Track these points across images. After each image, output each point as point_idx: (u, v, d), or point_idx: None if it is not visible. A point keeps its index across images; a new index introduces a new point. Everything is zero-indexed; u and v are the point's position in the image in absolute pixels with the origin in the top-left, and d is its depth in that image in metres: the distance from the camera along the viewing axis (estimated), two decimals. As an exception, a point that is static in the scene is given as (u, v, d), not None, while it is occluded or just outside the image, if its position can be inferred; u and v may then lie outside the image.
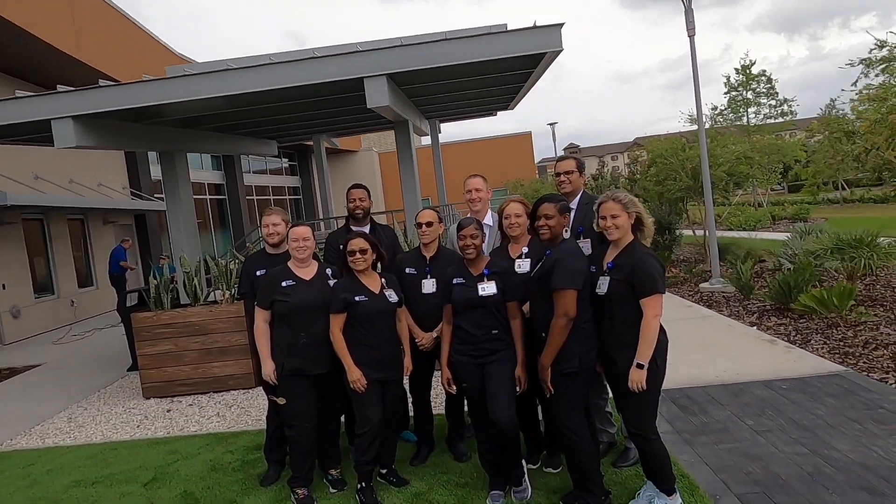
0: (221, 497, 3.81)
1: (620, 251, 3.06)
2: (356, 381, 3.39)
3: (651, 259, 2.98)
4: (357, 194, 4.25)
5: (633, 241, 3.07)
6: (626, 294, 2.97)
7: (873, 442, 3.64)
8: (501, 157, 29.67)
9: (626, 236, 3.05)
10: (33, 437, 5.43)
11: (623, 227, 3.03)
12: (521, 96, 9.38)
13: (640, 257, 2.98)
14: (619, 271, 3.00)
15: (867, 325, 6.20)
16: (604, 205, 3.06)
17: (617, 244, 3.07)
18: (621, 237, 3.05)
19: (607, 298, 3.03)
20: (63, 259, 12.74)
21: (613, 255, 3.08)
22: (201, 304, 6.33)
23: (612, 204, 3.04)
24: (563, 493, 3.33)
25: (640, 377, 2.90)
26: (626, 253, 3.03)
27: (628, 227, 3.05)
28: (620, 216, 3.02)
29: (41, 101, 5.85)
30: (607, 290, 3.02)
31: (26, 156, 11.34)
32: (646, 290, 2.92)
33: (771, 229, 17.70)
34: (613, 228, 3.03)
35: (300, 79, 5.67)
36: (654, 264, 2.97)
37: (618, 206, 3.02)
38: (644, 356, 2.90)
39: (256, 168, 22.44)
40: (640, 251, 3.02)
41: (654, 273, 2.93)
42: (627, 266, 2.98)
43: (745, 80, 24.13)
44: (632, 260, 2.98)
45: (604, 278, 3.05)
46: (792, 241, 9.58)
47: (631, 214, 3.04)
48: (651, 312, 2.91)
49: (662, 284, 2.97)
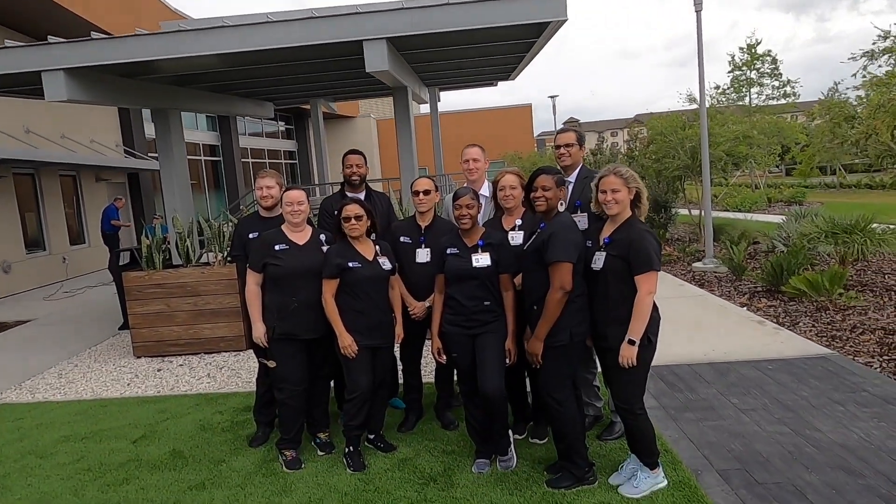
0: (210, 456, 3.85)
1: (618, 227, 3.02)
2: (347, 347, 3.39)
3: (648, 236, 2.96)
4: (353, 160, 4.19)
5: (631, 218, 3.03)
6: (622, 270, 2.95)
7: (854, 424, 3.70)
8: (500, 128, 29.43)
9: (624, 212, 3.02)
10: (23, 392, 5.45)
11: (623, 202, 2.99)
12: (522, 66, 9.24)
13: (638, 233, 2.96)
14: (616, 247, 2.97)
15: (856, 310, 6.25)
16: (605, 178, 3.01)
17: (614, 219, 3.04)
18: (620, 212, 3.02)
19: (602, 273, 3.00)
20: (55, 215, 12.63)
21: (610, 230, 3.05)
22: (193, 265, 6.30)
23: (614, 178, 2.99)
24: (548, 464, 3.38)
25: (632, 353, 2.91)
26: (624, 228, 3.00)
27: (627, 202, 3.01)
28: (621, 191, 2.97)
29: (32, 51, 5.70)
30: (603, 266, 3.00)
31: (17, 108, 11.14)
32: (641, 267, 2.90)
33: (766, 211, 17.72)
34: (613, 203, 2.98)
35: (298, 39, 5.55)
36: (652, 241, 2.95)
37: (619, 181, 2.98)
38: (636, 332, 2.91)
39: (252, 130, 22.16)
40: (637, 227, 2.99)
41: (651, 250, 2.91)
42: (624, 242, 2.95)
43: (750, 60, 23.85)
44: (629, 236, 2.95)
45: (600, 253, 3.02)
46: (787, 223, 9.60)
47: (631, 190, 3.00)
48: (645, 289, 2.90)
49: (658, 262, 2.95)
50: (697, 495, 3.02)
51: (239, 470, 3.63)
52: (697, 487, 3.10)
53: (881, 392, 4.14)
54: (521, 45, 7.30)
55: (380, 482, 3.36)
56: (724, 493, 3.05)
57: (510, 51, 7.72)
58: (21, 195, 11.74)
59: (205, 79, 7.76)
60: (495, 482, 3.27)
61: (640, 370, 2.98)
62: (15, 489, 3.60)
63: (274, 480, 3.47)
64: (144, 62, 5.81)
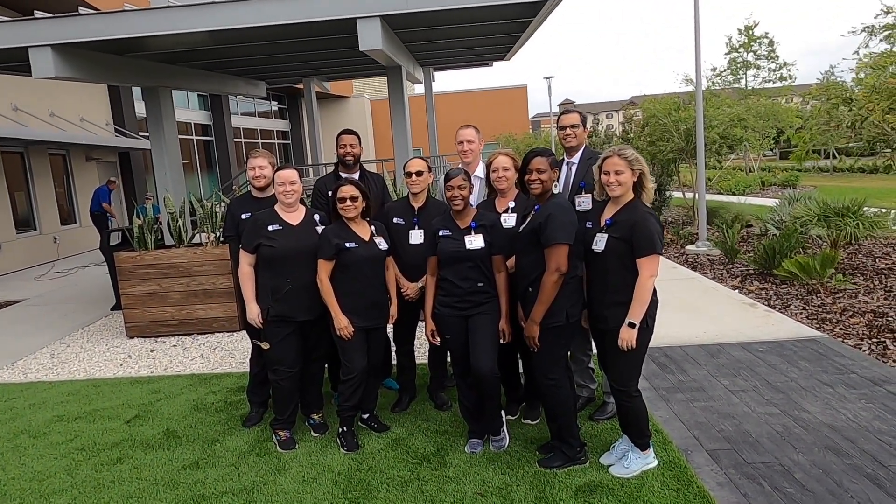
0: (204, 436, 3.86)
1: (620, 208, 2.99)
2: (343, 329, 3.39)
3: (651, 218, 2.93)
4: (348, 140, 4.15)
5: (635, 200, 2.99)
6: (623, 252, 2.91)
7: (843, 405, 3.75)
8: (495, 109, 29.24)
9: (626, 194, 2.99)
10: (16, 372, 5.43)
11: (626, 184, 2.94)
12: (518, 46, 9.14)
13: (641, 215, 2.91)
14: (618, 229, 2.94)
15: (846, 293, 6.31)
16: (608, 160, 2.96)
17: (616, 201, 3.01)
18: (622, 194, 2.98)
19: (603, 255, 2.97)
20: (45, 195, 12.49)
21: (612, 211, 3.01)
22: (186, 245, 6.27)
23: (618, 159, 2.94)
24: (540, 444, 3.41)
25: (631, 336, 2.91)
26: (627, 210, 2.96)
27: (630, 184, 2.96)
28: (625, 172, 2.93)
29: (18, 27, 5.58)
30: (604, 248, 2.96)
31: (4, 86, 10.95)
32: (644, 250, 2.87)
33: (760, 195, 17.77)
34: (616, 185, 2.94)
35: (291, 16, 5.45)
36: (655, 224, 2.92)
37: (623, 163, 2.93)
38: (636, 315, 2.89)
39: (245, 110, 21.93)
40: (641, 209, 2.95)
41: (654, 233, 2.89)
42: (627, 224, 2.91)
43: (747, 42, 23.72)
44: (632, 218, 2.91)
45: (601, 235, 2.98)
46: (780, 207, 9.63)
47: (635, 172, 2.95)
48: (647, 272, 2.88)
49: (661, 245, 2.94)
50: (687, 475, 3.06)
51: (233, 449, 3.64)
52: (687, 467, 3.14)
53: (869, 374, 4.19)
54: (517, 25, 7.22)
55: (373, 462, 3.39)
56: (713, 473, 3.09)
57: (505, 30, 7.63)
58: (10, 174, 11.60)
59: (196, 56, 7.63)
60: (488, 462, 3.31)
61: (638, 353, 2.98)
62: (8, 468, 3.60)
63: (268, 460, 3.49)
64: (133, 39, 5.70)
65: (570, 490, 3.00)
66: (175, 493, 3.21)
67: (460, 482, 3.13)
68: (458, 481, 3.14)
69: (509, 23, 7.00)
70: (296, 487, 3.18)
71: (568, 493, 2.98)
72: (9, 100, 11.34)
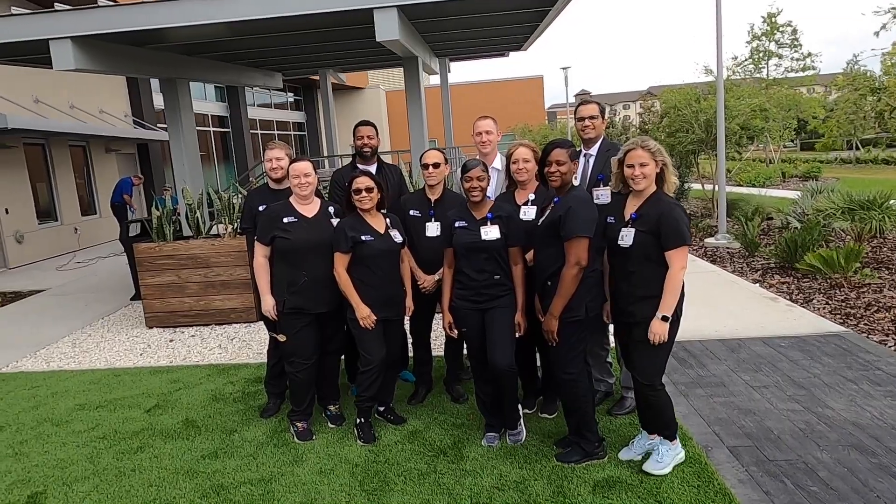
0: (222, 426, 3.89)
1: (644, 201, 2.92)
2: (365, 318, 3.38)
3: (678, 209, 2.87)
4: (365, 131, 4.12)
5: (658, 192, 2.93)
6: (650, 245, 2.85)
7: (868, 402, 3.67)
8: (511, 100, 29.04)
9: (650, 186, 2.93)
10: (38, 361, 5.52)
11: (650, 176, 2.88)
12: (535, 37, 9.04)
13: (668, 207, 2.85)
14: (645, 222, 2.88)
15: (871, 287, 6.18)
16: (632, 152, 2.89)
17: (639, 194, 2.95)
18: (646, 187, 2.91)
19: (630, 250, 2.90)
20: (66, 186, 12.66)
21: (636, 205, 2.95)
22: (203, 236, 6.31)
23: (642, 152, 2.87)
24: (558, 438, 3.38)
25: (663, 329, 2.85)
26: (651, 203, 2.90)
27: (654, 176, 2.90)
28: (649, 164, 2.87)
29: (38, 19, 5.63)
30: (632, 242, 2.88)
31: (25, 78, 11.08)
32: (673, 242, 2.81)
33: (781, 187, 17.48)
34: (641, 178, 2.87)
35: (308, 7, 5.43)
36: (682, 214, 2.86)
37: (647, 154, 2.87)
38: (668, 308, 2.83)
39: (261, 102, 22.00)
40: (666, 201, 2.89)
41: (682, 224, 2.83)
42: (653, 216, 2.85)
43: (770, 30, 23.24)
44: (658, 210, 2.86)
45: (627, 230, 2.91)
46: (802, 199, 9.46)
47: (658, 163, 2.89)
48: (678, 264, 2.82)
49: (689, 236, 2.88)
50: (707, 471, 3.02)
51: (251, 440, 3.67)
52: (707, 464, 3.09)
53: (895, 370, 4.10)
54: (535, 15, 7.13)
55: (390, 454, 3.39)
56: (734, 470, 3.05)
57: (523, 20, 7.54)
58: (32, 166, 11.77)
59: (213, 48, 7.66)
60: (505, 455, 3.29)
61: (666, 347, 2.93)
62: (32, 455, 3.67)
63: (285, 451, 3.51)
64: (152, 30, 5.73)
65: (589, 485, 2.98)
66: (194, 483, 3.24)
67: (477, 476, 3.12)
68: (476, 475, 3.13)
69: (527, 12, 6.92)
70: (313, 479, 3.20)
71: (586, 489, 2.95)
72: (30, 92, 11.48)
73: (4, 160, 10.94)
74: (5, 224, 10.90)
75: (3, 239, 10.87)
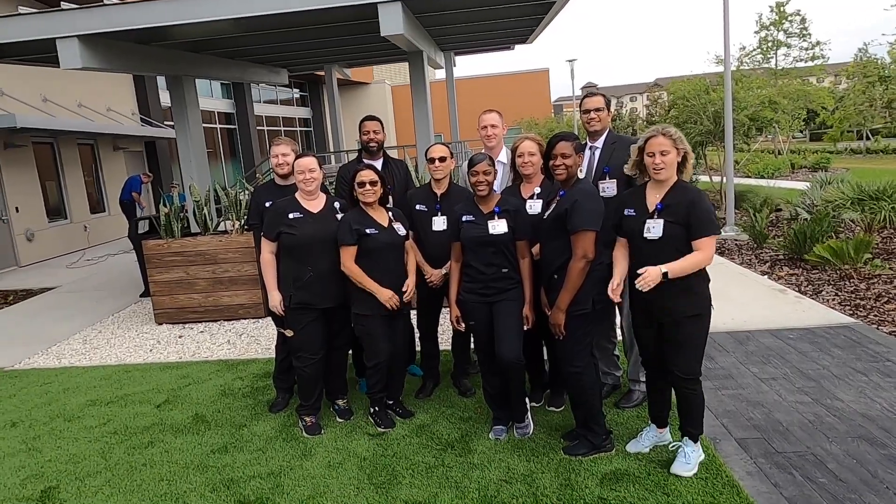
0: (231, 421, 3.93)
1: (668, 191, 2.83)
2: (389, 300, 3.41)
3: (705, 197, 2.80)
4: (371, 126, 4.13)
5: (680, 181, 2.84)
6: (680, 236, 2.76)
7: (877, 394, 3.65)
8: (517, 94, 28.90)
9: (672, 175, 2.83)
10: (50, 357, 5.58)
11: (672, 164, 2.79)
12: (540, 29, 9.00)
13: (698, 195, 2.75)
14: (672, 212, 2.77)
15: (881, 278, 6.13)
16: (653, 139, 2.80)
17: (661, 184, 2.85)
18: (669, 176, 2.82)
19: (657, 243, 2.79)
20: (75, 184, 12.75)
21: (659, 195, 2.84)
22: (211, 233, 6.34)
23: (663, 139, 2.78)
24: (565, 431, 3.39)
25: (655, 275, 2.70)
26: (677, 192, 2.81)
27: (675, 165, 2.81)
28: (671, 153, 2.78)
29: (45, 18, 5.66)
30: (662, 234, 2.78)
31: (33, 77, 11.15)
32: (704, 231, 2.73)
33: (790, 178, 17.33)
34: (662, 166, 2.78)
35: (312, 2, 5.43)
36: (709, 202, 2.80)
37: (668, 142, 2.78)
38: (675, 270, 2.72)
39: (267, 98, 22.03)
40: (692, 189, 2.80)
41: (712, 213, 2.76)
42: (681, 205, 2.75)
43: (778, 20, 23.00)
44: (686, 198, 2.76)
45: (654, 221, 2.80)
46: (811, 190, 9.38)
47: (679, 151, 2.80)
48: (708, 252, 2.74)
49: (718, 224, 2.82)
50: (715, 464, 3.02)
51: (260, 434, 3.70)
52: (716, 456, 3.09)
53: (905, 362, 4.07)
54: (540, 7, 7.09)
55: (398, 447, 3.41)
56: (742, 462, 3.04)
57: (528, 13, 7.50)
58: (41, 164, 11.85)
59: (219, 45, 7.67)
60: (512, 448, 3.30)
61: (703, 338, 2.88)
62: (45, 451, 3.71)
63: (294, 445, 3.54)
64: (157, 28, 5.75)
65: (596, 478, 2.99)
66: (205, 477, 3.27)
67: (485, 469, 3.13)
68: (483, 468, 3.14)
69: (532, 5, 6.88)
70: (322, 472, 3.22)
71: (594, 481, 2.96)
72: (38, 91, 11.55)
73: (14, 159, 11.02)
74: (16, 222, 11.00)
75: (14, 237, 10.97)
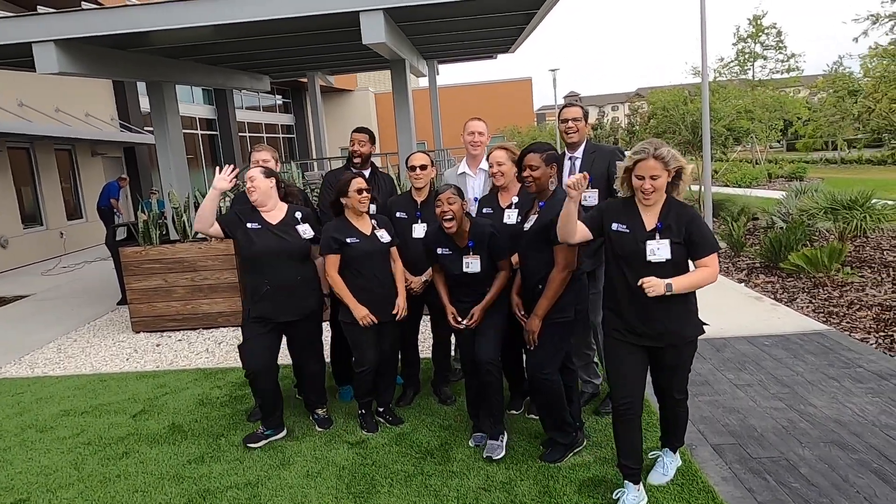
0: (209, 430, 3.88)
1: (662, 209, 2.65)
2: (363, 318, 3.40)
3: (699, 214, 2.72)
4: (357, 137, 4.13)
5: (671, 198, 2.66)
6: (684, 256, 2.62)
7: (849, 399, 3.72)
8: (500, 102, 29.09)
9: (662, 196, 2.67)
10: (23, 366, 5.47)
11: (661, 188, 2.60)
12: (522, 39, 9.08)
13: (694, 212, 2.61)
14: (674, 232, 2.60)
15: (853, 286, 6.26)
16: (643, 163, 2.57)
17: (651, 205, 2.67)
18: (657, 201, 2.66)
19: (663, 265, 2.60)
20: (51, 190, 12.54)
21: (654, 213, 2.66)
22: (190, 240, 6.28)
23: (654, 163, 2.55)
24: (544, 439, 3.40)
25: (658, 284, 2.51)
26: (672, 209, 2.64)
27: (665, 186, 2.62)
28: (661, 177, 2.57)
29: (21, 22, 5.58)
30: (671, 255, 2.59)
31: (10, 82, 10.97)
32: (707, 249, 2.58)
33: (767, 187, 17.65)
34: (651, 191, 2.58)
35: (293, 10, 5.42)
36: (704, 220, 2.74)
37: (659, 165, 2.56)
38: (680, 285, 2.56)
39: (249, 104, 21.92)
40: (686, 206, 2.64)
41: (710, 230, 2.67)
42: (680, 224, 2.60)
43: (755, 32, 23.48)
44: (687, 216, 2.61)
45: (658, 242, 2.60)
46: (786, 199, 9.56)
47: (671, 172, 2.60)
48: (717, 270, 2.61)
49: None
50: (691, 469, 3.05)
51: (237, 444, 3.66)
52: (692, 462, 3.13)
53: (876, 368, 4.16)
54: (521, 17, 7.17)
55: (377, 456, 3.39)
56: (717, 468, 3.08)
57: (510, 22, 7.57)
58: (16, 169, 11.65)
59: (199, 51, 7.62)
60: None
61: (691, 359, 2.85)
62: (16, 462, 3.63)
63: (272, 454, 3.50)
64: (136, 34, 5.69)
65: (575, 485, 3.00)
66: (180, 487, 3.22)
67: (464, 477, 3.13)
68: (463, 476, 3.14)
69: (514, 14, 6.95)
70: (300, 482, 3.19)
71: (572, 488, 2.97)
72: (14, 95, 11.37)
73: (-12, 164, 10.83)
74: (-11, 229, 10.79)
75: (-12, 244, 10.75)
